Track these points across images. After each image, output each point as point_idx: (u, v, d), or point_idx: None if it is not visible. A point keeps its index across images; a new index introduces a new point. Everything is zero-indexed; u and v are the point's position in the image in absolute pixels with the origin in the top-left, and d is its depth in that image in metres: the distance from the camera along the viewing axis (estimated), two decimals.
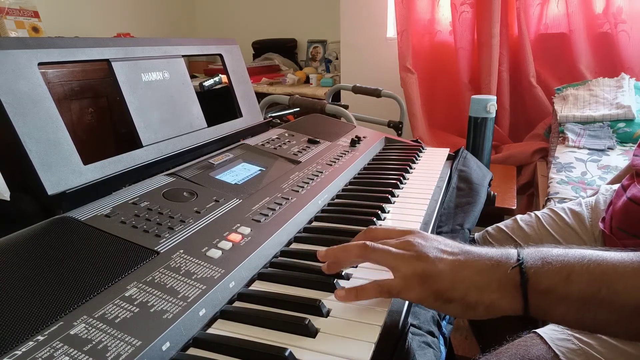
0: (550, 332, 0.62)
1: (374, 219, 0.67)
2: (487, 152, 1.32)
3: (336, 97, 2.18)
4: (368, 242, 0.50)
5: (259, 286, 0.51)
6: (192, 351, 0.40)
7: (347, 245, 0.51)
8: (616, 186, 0.88)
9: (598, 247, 0.44)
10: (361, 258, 0.51)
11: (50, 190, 0.54)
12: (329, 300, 0.47)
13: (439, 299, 0.45)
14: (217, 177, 0.71)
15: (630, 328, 0.41)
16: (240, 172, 0.74)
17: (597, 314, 0.41)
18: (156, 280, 0.44)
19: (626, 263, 0.41)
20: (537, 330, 0.63)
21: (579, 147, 1.49)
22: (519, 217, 1.01)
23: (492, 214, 1.23)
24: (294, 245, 0.61)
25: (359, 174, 0.91)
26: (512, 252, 0.45)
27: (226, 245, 0.52)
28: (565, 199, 1.19)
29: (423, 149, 1.08)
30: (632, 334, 0.43)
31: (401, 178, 0.85)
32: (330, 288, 0.49)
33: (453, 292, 0.45)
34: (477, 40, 1.95)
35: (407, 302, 0.49)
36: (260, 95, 1.24)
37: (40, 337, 0.36)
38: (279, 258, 0.57)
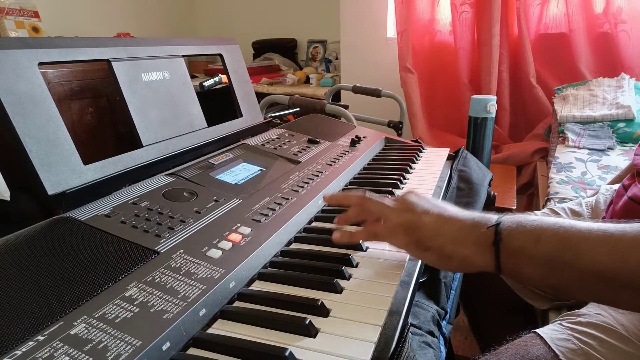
0: (550, 332, 0.62)
1: None
2: (487, 152, 1.31)
3: (336, 97, 2.18)
4: (367, 193, 0.57)
5: (259, 286, 0.51)
6: (192, 351, 0.40)
7: (348, 193, 0.60)
8: (616, 186, 0.88)
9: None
10: (358, 206, 0.58)
11: (51, 190, 0.54)
12: (329, 300, 0.47)
13: (419, 247, 0.51)
14: (217, 177, 0.71)
15: (590, 290, 0.44)
16: (240, 172, 0.74)
17: (561, 276, 0.44)
18: (156, 280, 0.44)
19: (592, 231, 0.43)
20: (537, 330, 0.63)
21: (579, 147, 1.49)
22: None
23: None
24: (294, 245, 0.61)
25: (359, 174, 0.91)
26: (494, 216, 0.49)
27: (226, 245, 0.52)
28: (565, 199, 1.19)
29: (423, 149, 1.08)
30: (592, 296, 0.49)
31: (401, 178, 0.85)
32: (331, 288, 0.49)
33: (432, 241, 0.50)
34: (477, 40, 1.94)
35: (407, 302, 0.49)
36: (260, 95, 1.23)
37: (40, 337, 0.36)
38: (279, 258, 0.57)
